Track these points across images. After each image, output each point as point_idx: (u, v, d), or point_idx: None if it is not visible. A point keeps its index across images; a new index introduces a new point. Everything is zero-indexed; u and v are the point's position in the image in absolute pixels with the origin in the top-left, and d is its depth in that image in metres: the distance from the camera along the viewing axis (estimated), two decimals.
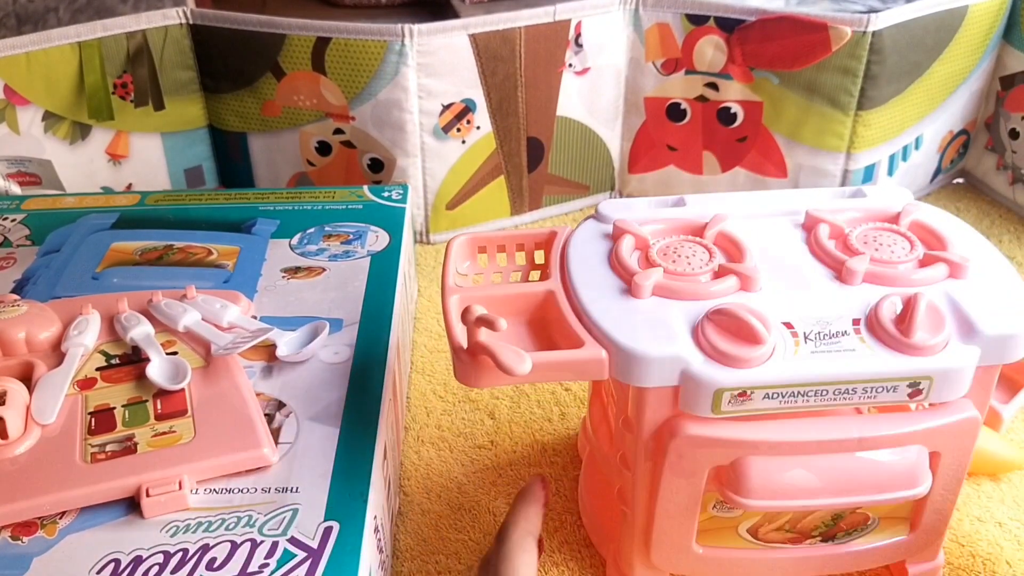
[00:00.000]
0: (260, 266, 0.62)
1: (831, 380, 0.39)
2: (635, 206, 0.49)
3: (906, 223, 0.46)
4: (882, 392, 0.40)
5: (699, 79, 0.83)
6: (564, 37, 0.79)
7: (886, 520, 0.46)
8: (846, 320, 0.41)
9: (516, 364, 0.39)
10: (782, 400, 0.40)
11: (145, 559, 0.41)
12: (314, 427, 0.48)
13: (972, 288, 0.42)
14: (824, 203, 0.48)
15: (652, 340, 0.40)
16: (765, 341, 0.39)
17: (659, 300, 0.42)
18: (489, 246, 0.51)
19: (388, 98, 0.76)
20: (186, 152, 0.84)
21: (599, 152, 0.88)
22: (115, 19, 0.76)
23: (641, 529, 0.46)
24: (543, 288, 0.45)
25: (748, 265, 0.43)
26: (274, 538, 0.42)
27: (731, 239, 0.46)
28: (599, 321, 0.41)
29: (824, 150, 0.81)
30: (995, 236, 0.85)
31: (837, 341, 0.40)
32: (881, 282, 0.43)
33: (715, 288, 0.42)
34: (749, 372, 0.39)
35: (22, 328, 0.53)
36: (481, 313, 0.41)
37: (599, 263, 0.45)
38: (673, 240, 0.46)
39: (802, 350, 0.40)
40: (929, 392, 0.40)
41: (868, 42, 0.75)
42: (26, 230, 0.67)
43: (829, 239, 0.45)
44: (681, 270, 0.43)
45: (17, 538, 0.43)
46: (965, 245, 0.45)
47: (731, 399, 0.39)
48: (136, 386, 0.51)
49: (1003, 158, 0.89)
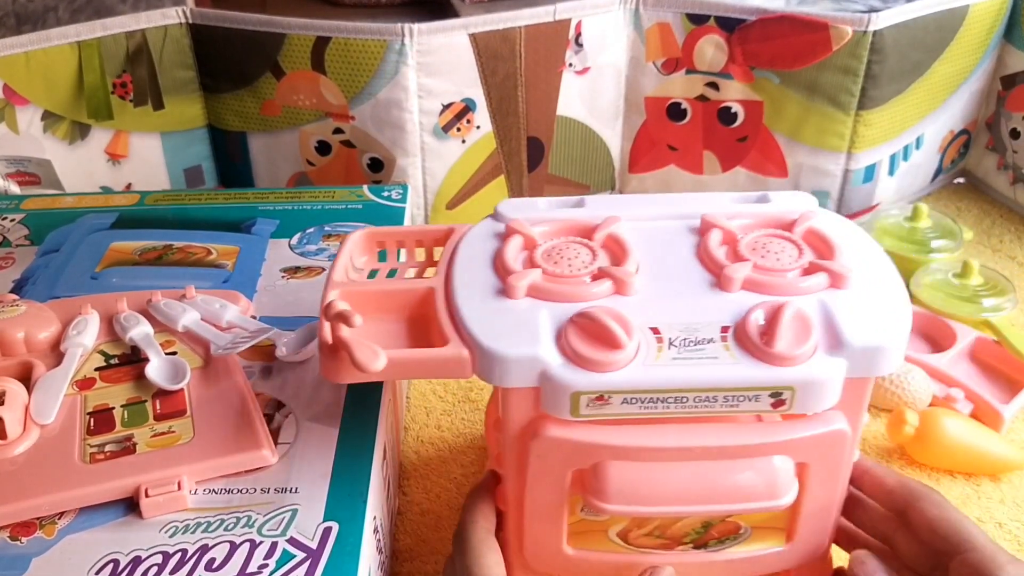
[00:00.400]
0: (260, 266, 0.62)
1: (691, 387, 0.39)
2: (534, 206, 0.49)
3: (800, 231, 0.45)
4: (744, 401, 0.39)
5: (699, 79, 0.83)
6: (564, 37, 0.79)
7: (759, 530, 0.46)
8: (715, 327, 0.40)
9: (369, 361, 0.40)
10: (642, 405, 0.39)
11: (144, 559, 0.41)
12: (313, 427, 0.48)
13: (850, 299, 0.41)
14: (723, 208, 0.47)
15: (513, 341, 0.40)
16: (624, 346, 0.39)
17: (532, 301, 0.42)
18: (388, 241, 0.51)
19: (388, 98, 0.76)
20: (185, 152, 0.84)
21: (599, 152, 0.88)
22: (114, 19, 0.76)
23: (514, 529, 0.45)
24: (424, 286, 0.45)
25: (624, 269, 0.43)
26: (273, 538, 0.42)
27: (618, 242, 0.45)
28: (466, 319, 0.41)
29: (825, 150, 0.81)
30: (996, 236, 0.85)
31: (702, 348, 0.39)
32: (760, 290, 0.42)
33: (588, 291, 0.42)
34: (607, 376, 0.38)
35: (21, 328, 0.53)
36: (340, 309, 0.41)
37: (484, 262, 0.45)
38: (560, 242, 0.46)
39: (664, 356, 0.39)
40: (792, 403, 0.39)
41: (869, 41, 0.75)
42: (25, 230, 0.67)
43: (721, 245, 0.45)
44: (562, 272, 0.43)
45: (16, 538, 0.43)
46: (856, 255, 0.44)
47: (589, 402, 0.39)
48: (135, 386, 0.51)
49: (1004, 158, 0.89)
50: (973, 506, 0.56)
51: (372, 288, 0.46)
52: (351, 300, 0.45)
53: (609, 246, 0.46)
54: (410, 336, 0.45)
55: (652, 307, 0.41)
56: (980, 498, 0.56)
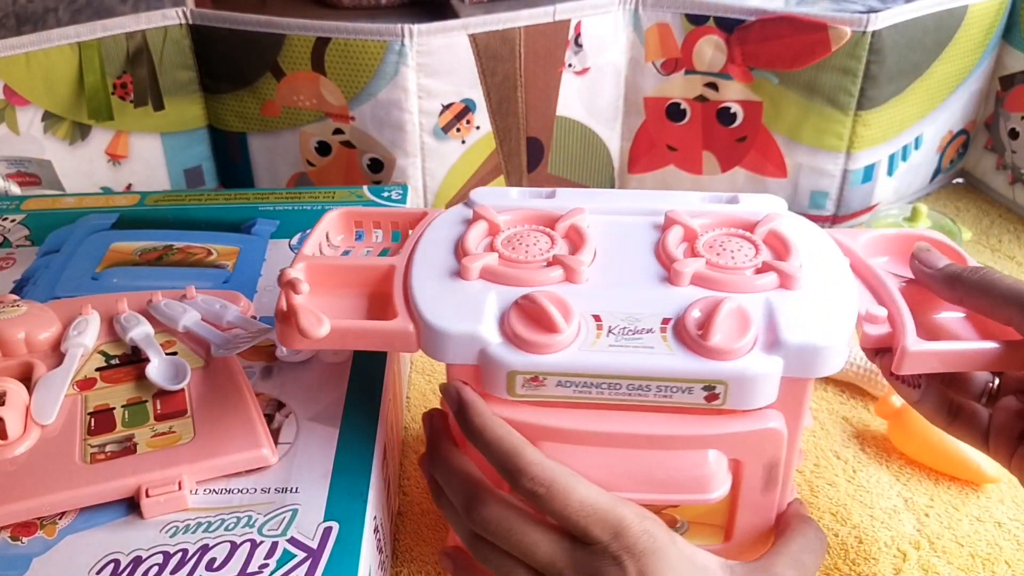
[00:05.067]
0: (260, 266, 0.62)
1: (623, 374, 0.40)
2: (506, 195, 0.50)
3: (762, 232, 0.46)
4: (677, 393, 0.40)
5: (699, 79, 0.83)
6: (564, 37, 0.79)
7: (697, 525, 0.46)
8: (656, 319, 0.41)
9: (312, 328, 0.42)
10: (576, 389, 0.40)
11: (144, 559, 0.41)
12: (314, 427, 0.48)
13: (796, 299, 0.42)
14: (691, 207, 0.48)
15: (456, 318, 0.41)
16: (561, 330, 0.40)
17: (484, 283, 0.44)
18: (365, 221, 0.53)
19: (388, 98, 0.76)
20: (186, 152, 0.84)
21: (599, 152, 0.88)
22: (115, 19, 0.76)
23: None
24: (386, 263, 0.47)
25: (576, 257, 0.44)
26: (274, 538, 0.42)
27: (579, 232, 0.46)
28: (416, 296, 0.43)
29: (824, 150, 0.81)
30: (995, 236, 0.85)
31: (639, 338, 0.40)
32: (709, 286, 0.42)
33: (538, 276, 0.43)
34: (542, 358, 0.40)
35: (22, 328, 0.53)
36: (291, 277, 0.43)
37: (446, 245, 0.47)
38: (522, 229, 0.47)
39: (601, 342, 0.40)
40: (726, 397, 0.40)
41: (868, 42, 0.75)
42: (26, 230, 0.67)
43: (681, 242, 0.46)
44: (518, 257, 0.45)
45: (17, 538, 0.43)
46: (813, 258, 0.44)
47: (524, 383, 0.40)
48: (136, 386, 0.51)
49: (1003, 158, 0.89)
50: (972, 505, 0.56)
51: (336, 263, 0.48)
52: (316, 273, 0.47)
53: (570, 236, 0.47)
54: (369, 310, 0.46)
55: (599, 296, 0.43)
56: (980, 498, 0.56)
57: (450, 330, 0.41)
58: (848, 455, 0.60)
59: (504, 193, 0.50)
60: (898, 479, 0.58)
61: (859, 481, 0.58)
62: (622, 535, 0.39)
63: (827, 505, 0.56)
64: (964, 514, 0.55)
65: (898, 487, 0.57)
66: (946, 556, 0.53)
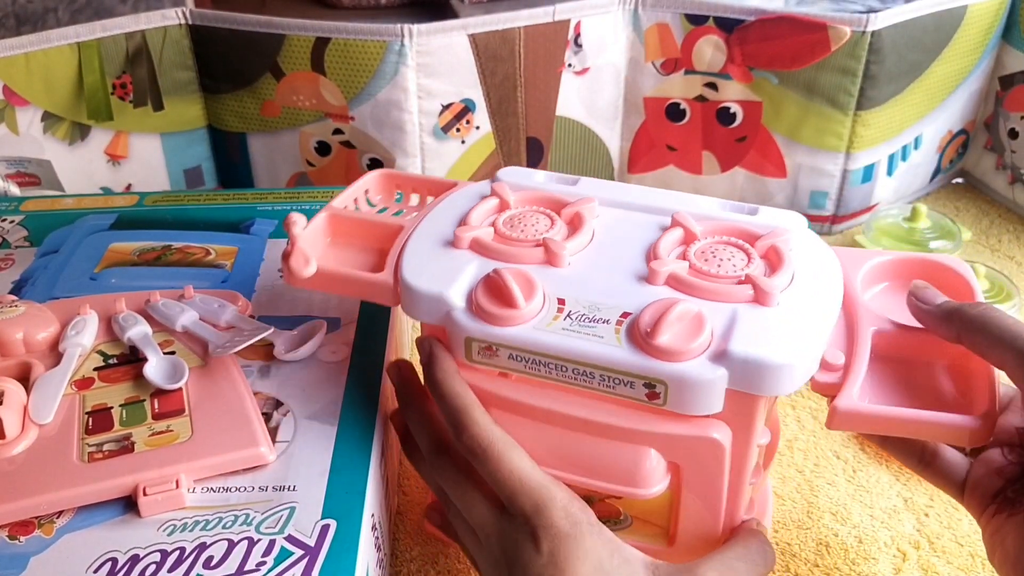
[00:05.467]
0: (258, 266, 0.62)
1: (569, 358, 0.40)
2: (531, 176, 0.51)
3: (763, 245, 0.45)
4: (620, 385, 0.40)
5: (698, 79, 0.83)
6: (563, 37, 0.79)
7: (641, 523, 0.47)
8: (617, 311, 0.42)
9: (300, 267, 0.47)
10: (526, 364, 0.42)
11: (142, 558, 0.41)
12: (312, 425, 0.48)
13: (764, 316, 0.41)
14: (707, 212, 0.47)
15: (431, 279, 0.44)
16: (518, 306, 0.41)
17: (471, 254, 0.46)
18: (404, 185, 0.56)
19: (387, 98, 0.76)
20: (185, 152, 0.84)
21: (598, 152, 0.88)
22: (114, 19, 0.76)
23: None
24: (397, 223, 0.50)
25: (560, 242, 0.45)
26: (271, 536, 0.42)
27: (581, 220, 0.47)
28: (406, 255, 0.46)
29: (823, 150, 0.81)
30: (994, 236, 0.85)
31: (593, 326, 0.41)
32: (683, 289, 0.42)
33: (519, 253, 0.45)
34: (496, 329, 0.42)
35: (20, 328, 0.53)
36: (295, 219, 0.48)
37: (456, 214, 0.49)
38: (527, 210, 0.49)
39: (557, 325, 0.41)
40: (666, 398, 0.40)
41: (867, 42, 0.75)
42: (24, 231, 0.67)
43: (678, 245, 0.46)
44: (514, 235, 0.46)
45: (15, 537, 0.43)
46: (805, 279, 0.43)
47: (480, 350, 0.43)
48: (134, 386, 0.51)
49: (1002, 158, 0.89)
50: None
51: (352, 216, 0.52)
52: (336, 224, 0.51)
53: (572, 222, 0.48)
54: (373, 265, 0.49)
55: (572, 281, 0.44)
56: None
57: (421, 289, 0.44)
58: (848, 455, 0.60)
59: (529, 175, 0.52)
60: (898, 479, 0.58)
61: (859, 481, 0.58)
62: (543, 512, 0.40)
63: (827, 505, 0.56)
64: (964, 514, 0.55)
65: (898, 487, 0.57)
66: (946, 556, 0.52)
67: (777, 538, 0.54)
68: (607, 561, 0.40)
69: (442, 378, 0.44)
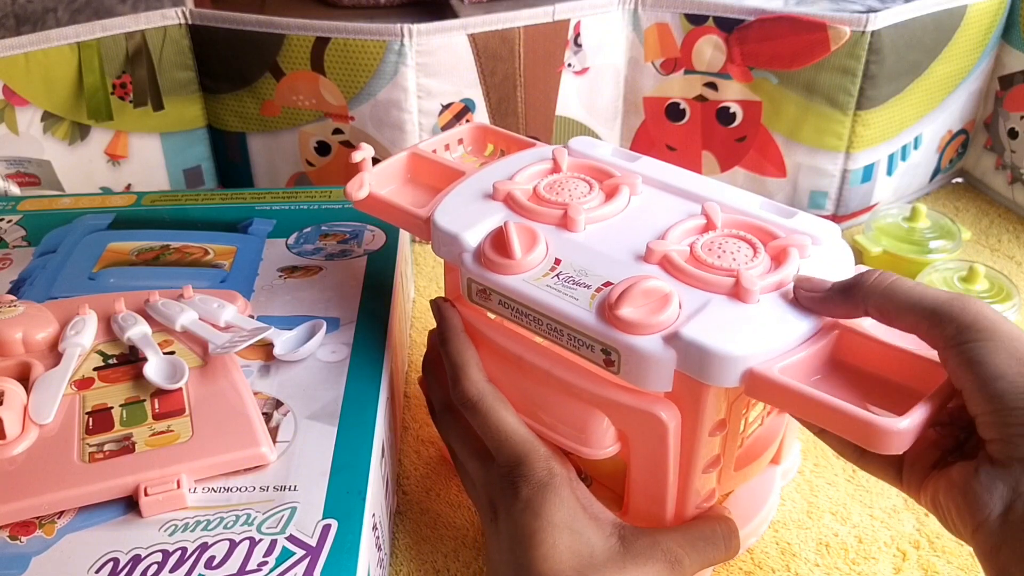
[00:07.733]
0: (257, 265, 0.62)
1: (543, 312, 0.43)
2: (596, 147, 0.54)
3: (776, 245, 0.45)
4: (583, 347, 0.43)
5: (698, 79, 0.83)
6: (563, 37, 0.79)
7: (598, 485, 0.51)
8: (601, 280, 0.44)
9: (354, 190, 0.53)
10: (511, 312, 0.45)
11: (144, 558, 0.41)
12: (312, 425, 0.48)
13: (734, 309, 0.41)
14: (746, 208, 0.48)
15: (454, 220, 0.48)
16: (514, 258, 0.44)
17: (501, 206, 0.49)
18: (497, 141, 0.60)
19: (387, 98, 0.76)
20: (185, 152, 0.84)
21: None
22: (114, 19, 0.76)
23: None
24: (460, 169, 0.54)
25: (579, 207, 0.48)
26: (272, 536, 0.42)
27: (617, 192, 0.49)
28: (448, 196, 0.50)
29: (823, 150, 0.81)
30: (994, 236, 0.85)
31: (575, 289, 0.44)
32: (669, 271, 0.44)
33: (539, 213, 0.48)
34: (491, 275, 0.45)
35: (19, 329, 0.53)
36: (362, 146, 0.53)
37: (509, 171, 0.52)
38: (573, 176, 0.51)
39: (544, 282, 0.44)
40: (620, 367, 0.42)
41: (867, 42, 0.75)
42: (22, 231, 0.67)
43: (692, 232, 0.46)
44: (549, 197, 0.49)
45: (16, 538, 0.43)
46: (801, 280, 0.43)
47: (476, 291, 0.47)
48: (134, 386, 0.51)
49: (1002, 158, 0.89)
50: None
51: (428, 157, 0.56)
52: (415, 162, 0.56)
53: (608, 194, 0.50)
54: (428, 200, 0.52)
55: (576, 246, 0.46)
56: None
57: (442, 227, 0.48)
58: None
59: (596, 145, 0.54)
60: None
61: (859, 481, 0.58)
62: (524, 464, 0.44)
63: (827, 505, 0.56)
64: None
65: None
66: (946, 556, 0.52)
67: (777, 538, 0.54)
68: (579, 513, 0.43)
69: (449, 336, 0.49)
